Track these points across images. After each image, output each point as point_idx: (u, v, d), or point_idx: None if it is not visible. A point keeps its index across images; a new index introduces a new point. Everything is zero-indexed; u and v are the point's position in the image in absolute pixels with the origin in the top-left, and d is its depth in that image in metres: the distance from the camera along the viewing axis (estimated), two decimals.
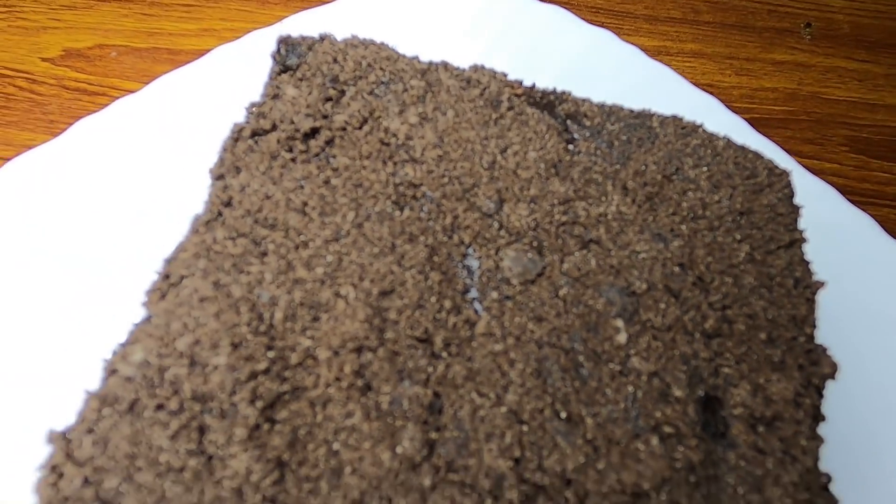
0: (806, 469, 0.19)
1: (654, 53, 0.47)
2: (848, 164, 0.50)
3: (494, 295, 0.21)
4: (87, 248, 0.35)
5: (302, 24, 0.46)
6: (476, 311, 0.21)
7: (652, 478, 0.18)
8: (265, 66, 0.41)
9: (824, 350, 0.22)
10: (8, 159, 0.42)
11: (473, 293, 0.21)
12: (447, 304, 0.20)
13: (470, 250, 0.22)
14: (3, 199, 0.35)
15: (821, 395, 0.21)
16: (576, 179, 0.24)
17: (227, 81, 0.41)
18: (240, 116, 0.29)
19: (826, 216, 0.38)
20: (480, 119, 0.25)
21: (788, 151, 0.41)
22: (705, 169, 0.25)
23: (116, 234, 0.35)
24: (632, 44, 0.47)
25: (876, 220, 0.39)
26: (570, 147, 0.25)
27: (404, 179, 0.23)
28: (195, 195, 0.36)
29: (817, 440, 0.20)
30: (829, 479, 0.20)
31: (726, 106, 0.43)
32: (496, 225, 0.22)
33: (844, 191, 0.41)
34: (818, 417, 0.21)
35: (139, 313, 0.21)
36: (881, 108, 0.54)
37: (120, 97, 0.41)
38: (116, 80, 0.48)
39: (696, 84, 0.45)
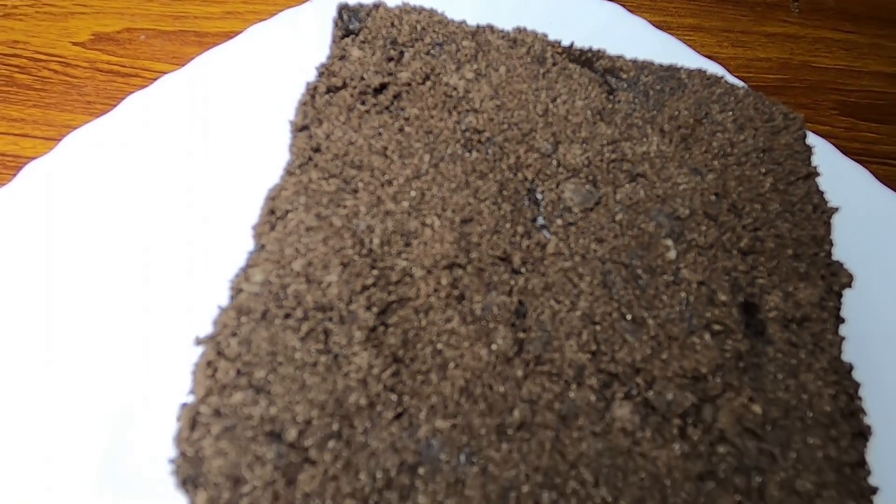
0: (833, 357, 0.22)
1: (656, 27, 0.50)
2: (839, 126, 0.54)
3: (559, 221, 0.24)
4: (143, 219, 0.37)
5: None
6: (545, 235, 0.23)
7: (707, 364, 0.21)
8: (302, 40, 0.43)
9: (841, 265, 0.25)
10: (50, 139, 0.44)
11: (541, 220, 0.24)
12: (520, 229, 0.23)
13: (534, 185, 0.25)
14: (60, 175, 0.37)
15: (840, 300, 0.24)
16: (619, 124, 0.27)
17: (267, 56, 0.43)
18: (280, 90, 0.31)
19: (824, 168, 0.41)
20: (529, 73, 0.28)
21: None
22: (730, 113, 0.28)
23: (172, 206, 0.37)
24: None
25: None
26: (611, 97, 0.28)
27: (469, 126, 0.26)
28: (245, 167, 0.39)
29: (840, 336, 0.23)
30: (851, 367, 0.23)
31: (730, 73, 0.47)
32: (554, 163, 0.25)
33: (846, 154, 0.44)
34: (839, 318, 0.24)
35: (195, 284, 0.23)
36: (866, 75, 0.58)
37: (155, 78, 0.43)
38: (147, 61, 0.50)
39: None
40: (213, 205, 0.38)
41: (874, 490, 0.20)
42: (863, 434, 0.21)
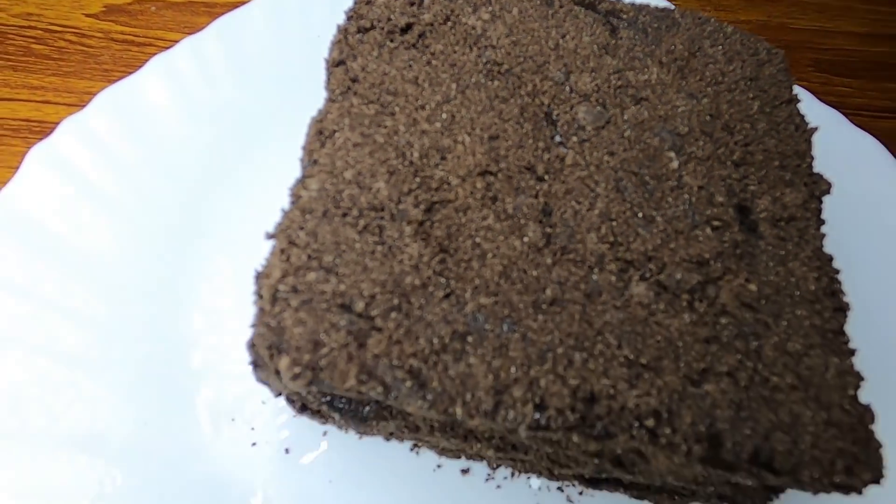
0: (816, 248, 0.26)
1: None
2: (815, 82, 0.58)
3: (575, 139, 0.27)
4: (173, 173, 0.39)
5: None
6: (563, 150, 0.26)
7: (710, 251, 0.24)
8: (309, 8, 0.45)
9: (820, 175, 0.29)
10: (72, 105, 0.46)
11: (558, 138, 0.27)
12: (541, 144, 0.26)
13: (550, 108, 0.27)
14: (94, 131, 0.38)
15: (820, 204, 0.28)
16: (622, 56, 0.30)
17: (278, 20, 0.45)
18: (295, 49, 0.33)
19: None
20: (540, 14, 0.31)
21: None
22: (720, 48, 0.31)
23: (202, 160, 0.39)
24: None
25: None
26: (614, 34, 0.31)
27: (489, 59, 0.28)
28: (273, 121, 0.41)
29: (821, 233, 0.27)
30: (831, 257, 0.26)
31: None
32: (567, 89, 0.28)
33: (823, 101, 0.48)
34: (820, 219, 0.27)
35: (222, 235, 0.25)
36: (838, 35, 0.62)
37: (169, 46, 0.44)
38: (160, 31, 0.51)
39: None
40: (250, 145, 0.40)
41: (853, 352, 0.23)
42: (842, 309, 0.24)
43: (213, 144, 0.41)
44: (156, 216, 0.38)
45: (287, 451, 0.34)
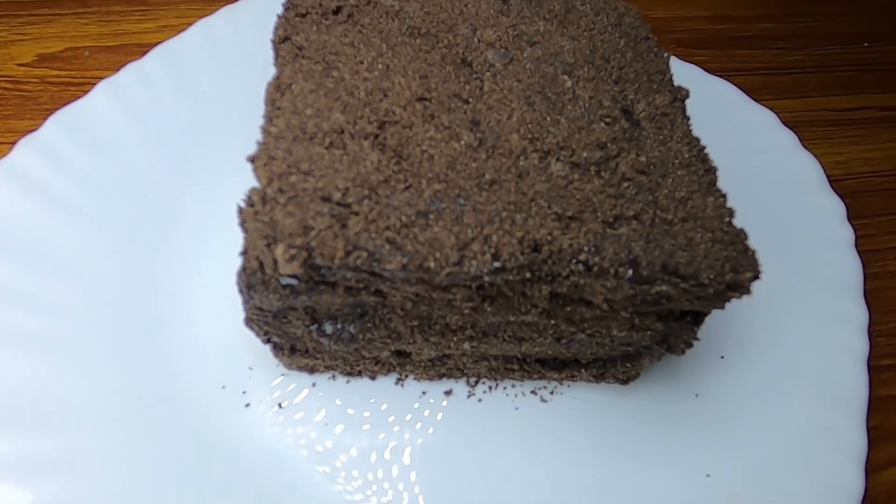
0: (685, 131, 0.33)
1: None
2: (678, 55, 0.70)
3: (488, 73, 0.33)
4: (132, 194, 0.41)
5: None
6: (480, 81, 0.32)
7: (606, 137, 0.31)
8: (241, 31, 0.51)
9: (680, 86, 0.37)
10: (13, 143, 0.47)
11: (475, 75, 0.33)
12: (462, 79, 0.32)
13: (465, 55, 0.34)
14: (51, 146, 0.40)
15: (683, 105, 0.36)
16: (514, 16, 0.37)
17: (213, 42, 0.50)
18: (233, 65, 0.38)
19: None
20: None
21: None
22: (588, 6, 0.40)
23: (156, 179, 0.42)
24: None
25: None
26: (505, 2, 0.39)
27: (409, 25, 0.35)
28: (220, 129, 0.45)
29: (688, 120, 0.34)
30: (699, 138, 0.34)
31: None
32: (476, 41, 0.35)
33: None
34: (686, 115, 0.35)
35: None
36: (689, 19, 0.75)
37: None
38: (97, 71, 0.54)
39: None
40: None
41: (724, 195, 0.30)
42: (711, 170, 0.32)
43: (166, 154, 0.44)
44: (119, 218, 0.40)
45: (280, 405, 0.36)
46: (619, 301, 0.28)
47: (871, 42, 0.79)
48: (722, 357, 0.42)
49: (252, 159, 0.26)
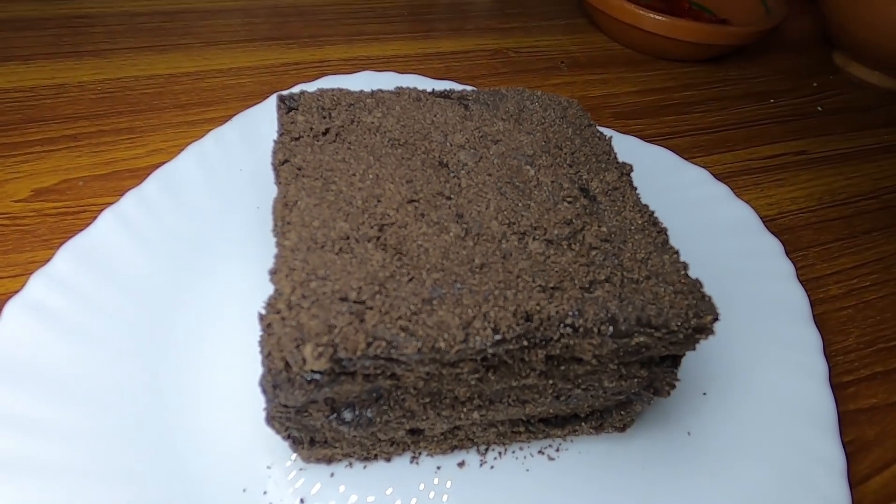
0: (635, 200, 0.39)
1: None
2: (617, 127, 0.80)
3: (463, 172, 0.39)
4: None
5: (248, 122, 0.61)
6: (458, 179, 0.38)
7: (571, 214, 0.36)
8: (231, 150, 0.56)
9: (624, 163, 0.43)
10: (18, 276, 0.49)
11: (452, 173, 0.38)
12: (442, 179, 0.37)
13: (441, 157, 0.40)
14: (61, 277, 0.42)
15: (630, 178, 0.42)
16: (476, 120, 0.44)
17: (208, 163, 0.55)
18: (225, 182, 0.44)
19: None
20: (414, 107, 0.44)
21: None
22: (537, 104, 0.47)
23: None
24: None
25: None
26: (467, 110, 0.45)
27: (390, 138, 0.41)
28: (220, 242, 0.48)
29: (635, 192, 0.40)
30: (647, 206, 0.40)
31: None
32: (448, 144, 0.41)
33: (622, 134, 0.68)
34: (633, 186, 0.41)
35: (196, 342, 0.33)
36: (622, 94, 0.87)
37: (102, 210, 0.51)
38: (92, 199, 0.57)
39: None
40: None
41: (677, 252, 0.36)
42: (663, 231, 0.37)
43: (170, 269, 0.47)
44: (130, 337, 0.42)
45: (302, 500, 0.37)
46: (605, 355, 0.32)
47: (775, 98, 0.92)
48: (704, 394, 0.46)
49: (273, 272, 0.29)
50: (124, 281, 0.44)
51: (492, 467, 0.40)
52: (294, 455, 0.38)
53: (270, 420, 0.33)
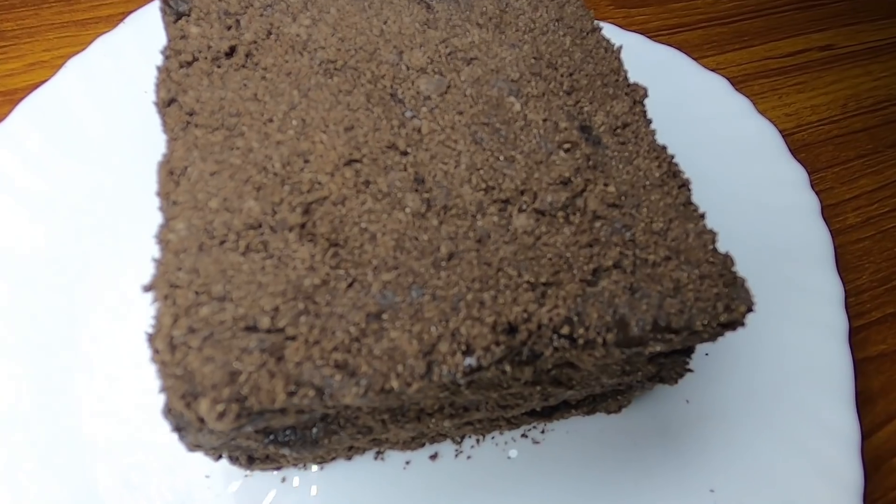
0: (650, 142, 0.30)
1: None
2: (618, 17, 0.66)
3: (424, 108, 0.28)
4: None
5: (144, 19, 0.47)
6: (417, 122, 0.28)
7: (569, 170, 0.27)
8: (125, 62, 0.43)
9: (636, 84, 0.33)
10: None
11: (409, 113, 0.28)
12: (395, 123, 0.27)
13: (393, 88, 0.29)
14: None
15: (644, 107, 0.32)
16: (443, 27, 0.32)
17: (93, 86, 0.42)
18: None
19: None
20: (357, 8, 0.32)
21: None
22: (524, 0, 0.35)
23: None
24: None
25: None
26: (430, 10, 0.33)
27: (323, 59, 0.29)
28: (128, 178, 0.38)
29: (651, 129, 0.31)
30: (665, 146, 0.30)
31: None
32: (404, 68, 0.29)
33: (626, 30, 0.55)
34: (647, 119, 0.31)
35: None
36: None
37: None
38: None
39: None
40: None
41: (703, 215, 0.27)
42: (685, 185, 0.29)
43: (73, 219, 0.37)
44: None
45: None
46: (610, 364, 0.25)
47: None
48: (707, 354, 0.41)
49: (149, 288, 0.20)
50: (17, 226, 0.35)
51: (469, 457, 0.35)
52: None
53: (191, 448, 0.26)
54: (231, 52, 0.29)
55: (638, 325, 0.23)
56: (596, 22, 0.36)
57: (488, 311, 0.22)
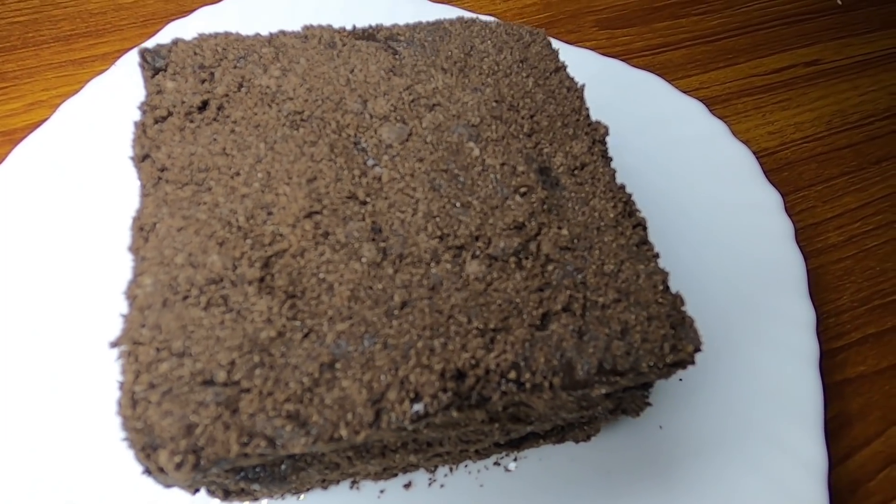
0: (608, 182, 0.31)
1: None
2: (601, 39, 0.67)
3: (385, 157, 0.29)
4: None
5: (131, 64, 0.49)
6: (378, 171, 0.29)
7: (523, 215, 0.28)
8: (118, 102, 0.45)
9: (598, 122, 0.34)
10: None
11: (371, 161, 0.29)
12: (356, 172, 0.28)
13: (357, 137, 0.30)
14: None
15: (604, 146, 0.33)
16: (408, 73, 0.33)
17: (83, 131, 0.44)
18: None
19: (590, 68, 0.52)
20: (326, 57, 0.33)
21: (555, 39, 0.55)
22: (489, 42, 0.36)
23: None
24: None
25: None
26: (396, 56, 0.34)
27: (290, 111, 0.30)
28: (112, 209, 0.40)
29: (610, 168, 0.32)
30: (623, 185, 0.31)
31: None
32: (367, 116, 0.31)
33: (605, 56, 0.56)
34: (607, 158, 0.32)
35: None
36: None
37: None
38: None
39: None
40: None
41: (657, 255, 0.28)
42: (640, 224, 0.29)
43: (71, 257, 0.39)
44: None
45: None
46: (563, 408, 0.26)
47: None
48: (680, 380, 0.41)
49: (115, 344, 0.22)
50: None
51: (442, 486, 0.36)
52: None
53: (166, 486, 0.28)
54: (203, 106, 0.30)
55: (583, 369, 0.24)
56: (561, 60, 0.37)
57: (437, 357, 0.23)
